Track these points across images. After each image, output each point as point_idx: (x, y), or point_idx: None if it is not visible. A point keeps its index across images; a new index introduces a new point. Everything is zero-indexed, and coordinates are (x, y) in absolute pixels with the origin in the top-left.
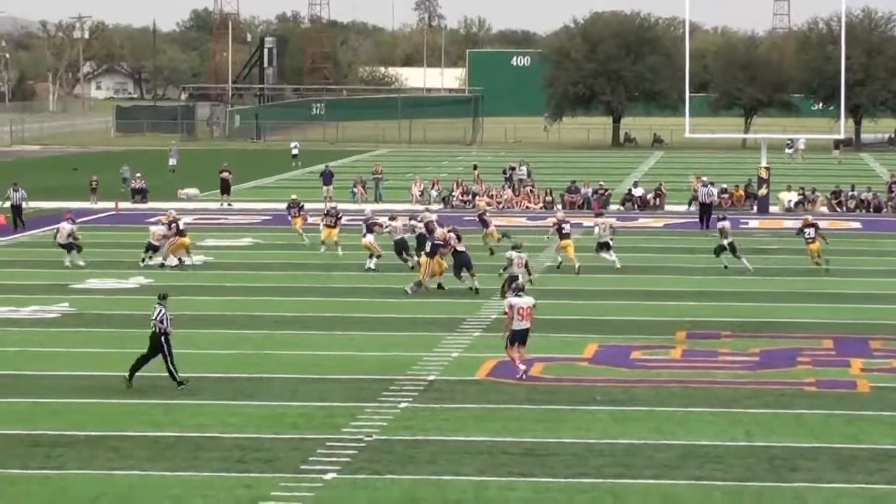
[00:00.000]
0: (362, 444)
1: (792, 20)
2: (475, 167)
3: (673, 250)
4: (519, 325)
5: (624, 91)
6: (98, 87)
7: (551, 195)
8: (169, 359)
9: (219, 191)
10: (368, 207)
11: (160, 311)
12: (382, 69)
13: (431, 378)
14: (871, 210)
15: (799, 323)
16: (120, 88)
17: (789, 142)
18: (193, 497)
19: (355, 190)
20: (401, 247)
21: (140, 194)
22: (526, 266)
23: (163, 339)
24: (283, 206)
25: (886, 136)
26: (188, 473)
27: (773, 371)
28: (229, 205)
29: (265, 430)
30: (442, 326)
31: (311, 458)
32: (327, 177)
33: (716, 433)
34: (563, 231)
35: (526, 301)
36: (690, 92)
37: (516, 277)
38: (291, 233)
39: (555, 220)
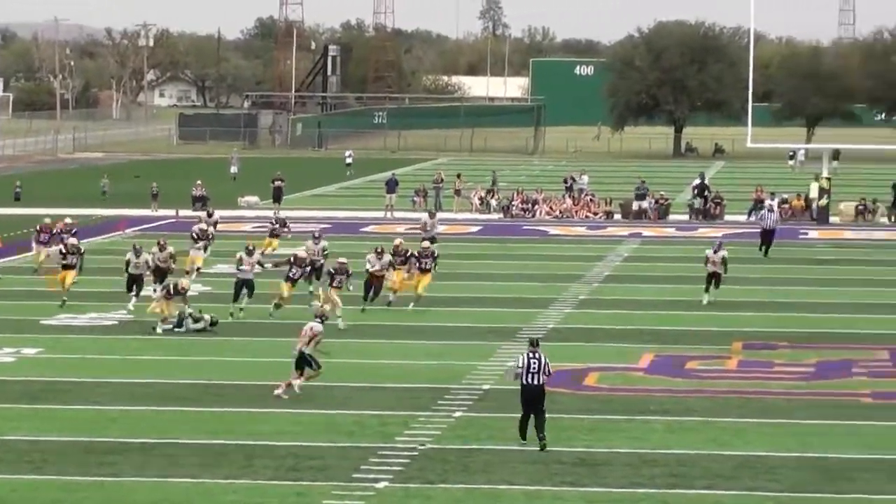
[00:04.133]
0: (415, 453)
1: (857, 30)
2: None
3: (734, 260)
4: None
5: (687, 100)
6: (161, 95)
7: (611, 205)
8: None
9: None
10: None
11: (527, 358)
12: (446, 78)
13: (486, 387)
14: None
15: (855, 334)
16: (183, 96)
17: (792, 153)
18: None
19: (415, 199)
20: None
21: (201, 202)
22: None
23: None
24: (340, 214)
25: None
26: (242, 481)
27: (828, 382)
28: (275, 213)
29: (319, 439)
30: (498, 335)
31: (363, 467)
32: (391, 185)
33: (770, 444)
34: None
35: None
36: (753, 101)
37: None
38: (353, 241)
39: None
